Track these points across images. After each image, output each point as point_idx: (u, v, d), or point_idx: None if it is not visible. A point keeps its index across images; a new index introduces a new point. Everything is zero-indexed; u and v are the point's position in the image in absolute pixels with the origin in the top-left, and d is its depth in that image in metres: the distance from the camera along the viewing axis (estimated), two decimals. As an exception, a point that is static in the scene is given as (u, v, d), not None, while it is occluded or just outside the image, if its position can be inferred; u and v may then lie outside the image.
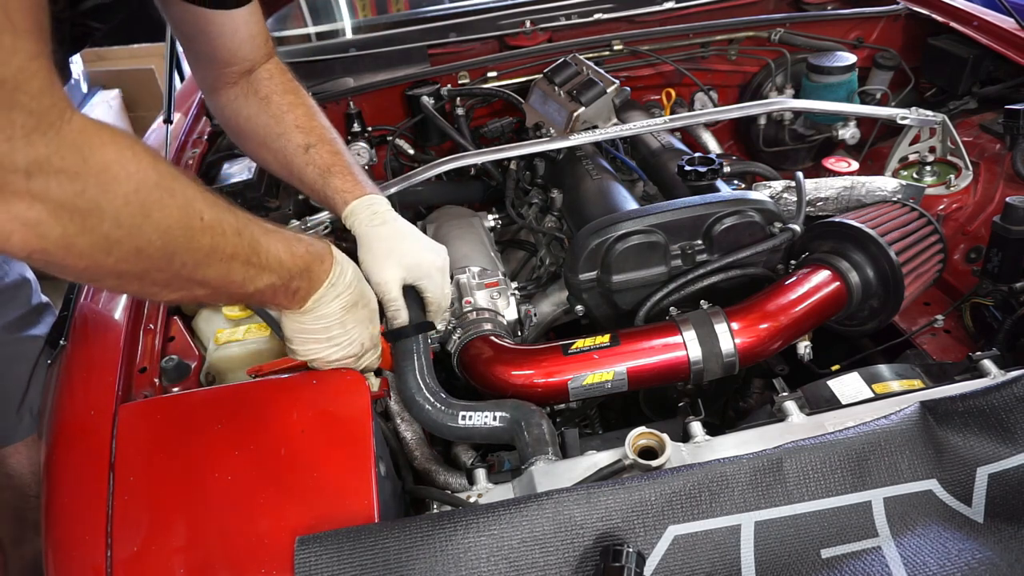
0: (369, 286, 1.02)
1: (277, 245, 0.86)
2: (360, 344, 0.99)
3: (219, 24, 1.07)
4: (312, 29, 2.35)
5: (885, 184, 1.45)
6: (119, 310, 1.16)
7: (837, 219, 1.30)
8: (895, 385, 1.07)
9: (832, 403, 1.04)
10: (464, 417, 1.06)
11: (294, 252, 0.88)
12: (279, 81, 1.17)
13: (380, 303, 1.07)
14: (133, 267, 0.69)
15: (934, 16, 1.91)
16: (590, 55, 1.87)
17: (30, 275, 1.48)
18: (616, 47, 1.92)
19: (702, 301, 1.21)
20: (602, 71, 1.59)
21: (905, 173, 1.65)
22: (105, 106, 3.75)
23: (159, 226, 0.69)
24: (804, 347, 1.28)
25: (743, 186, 1.55)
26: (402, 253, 1.09)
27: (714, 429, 0.99)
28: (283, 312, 0.94)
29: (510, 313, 1.30)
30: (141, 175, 0.67)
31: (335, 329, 0.96)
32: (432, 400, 1.07)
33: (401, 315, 1.09)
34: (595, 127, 1.54)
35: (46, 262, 0.65)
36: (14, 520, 1.49)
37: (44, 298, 1.50)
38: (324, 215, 1.42)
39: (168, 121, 1.60)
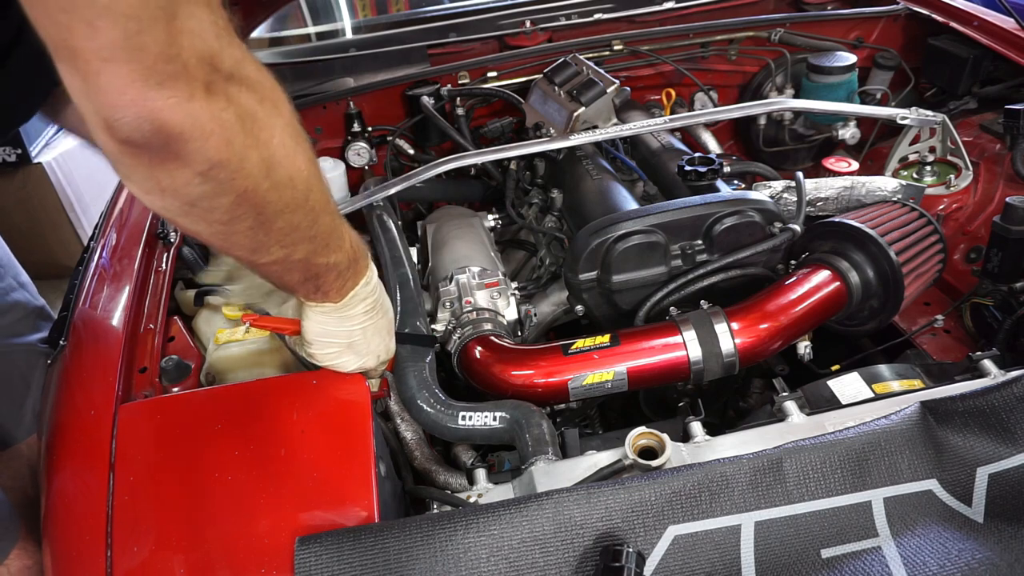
0: (388, 297, 1.02)
1: (345, 223, 0.86)
2: (376, 356, 0.99)
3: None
4: (312, 29, 2.35)
5: (885, 184, 1.45)
6: (119, 310, 1.16)
7: (837, 219, 1.30)
8: (895, 385, 1.07)
9: (832, 403, 1.04)
10: (464, 418, 1.06)
11: (355, 236, 0.89)
12: None
13: None
14: (278, 198, 0.70)
15: (934, 16, 1.91)
16: (590, 55, 1.88)
17: (25, 278, 1.48)
18: (616, 47, 1.92)
19: (702, 301, 1.21)
20: (602, 71, 1.59)
21: (905, 173, 1.65)
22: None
23: (305, 155, 0.72)
24: (804, 347, 1.28)
25: (743, 186, 1.55)
26: None
27: (714, 429, 0.99)
28: (312, 310, 0.91)
29: (510, 313, 1.30)
30: (291, 104, 0.70)
31: (357, 335, 0.95)
32: (432, 401, 1.07)
33: None
34: (595, 127, 1.54)
35: (215, 184, 0.64)
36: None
37: (41, 301, 1.50)
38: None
39: None
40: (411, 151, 1.90)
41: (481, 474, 0.98)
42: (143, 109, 0.57)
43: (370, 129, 1.87)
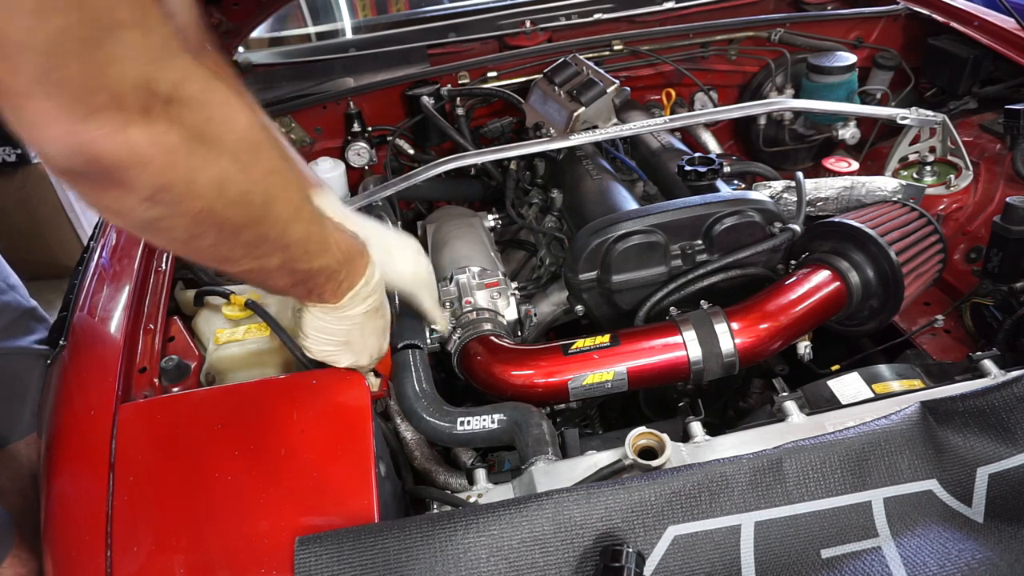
0: (387, 298, 1.01)
1: (331, 225, 0.85)
2: (370, 355, 0.99)
3: None
4: (312, 29, 2.35)
5: (885, 184, 1.45)
6: (119, 310, 1.16)
7: (837, 219, 1.30)
8: (895, 385, 1.07)
9: (832, 403, 1.04)
10: (463, 423, 1.05)
11: (345, 238, 0.87)
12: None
13: None
14: (237, 215, 0.69)
15: (934, 16, 1.92)
16: (590, 55, 1.88)
17: (15, 280, 1.47)
18: (616, 47, 1.92)
19: (702, 301, 1.21)
20: (602, 71, 1.59)
21: (905, 173, 1.65)
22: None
23: (264, 167, 0.70)
24: (804, 347, 1.28)
25: (743, 186, 1.55)
26: None
27: (714, 429, 0.99)
28: (310, 307, 0.91)
29: (510, 313, 1.30)
30: (248, 114, 0.68)
31: (354, 333, 0.94)
32: (431, 409, 1.07)
33: None
34: (595, 127, 1.54)
35: (165, 207, 0.63)
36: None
37: (32, 302, 1.50)
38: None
39: None
40: (411, 151, 1.90)
41: (481, 474, 0.98)
42: (72, 142, 0.55)
43: (370, 129, 1.87)
